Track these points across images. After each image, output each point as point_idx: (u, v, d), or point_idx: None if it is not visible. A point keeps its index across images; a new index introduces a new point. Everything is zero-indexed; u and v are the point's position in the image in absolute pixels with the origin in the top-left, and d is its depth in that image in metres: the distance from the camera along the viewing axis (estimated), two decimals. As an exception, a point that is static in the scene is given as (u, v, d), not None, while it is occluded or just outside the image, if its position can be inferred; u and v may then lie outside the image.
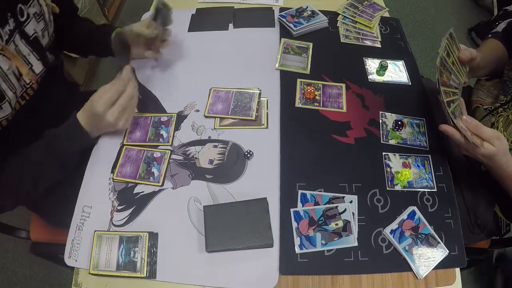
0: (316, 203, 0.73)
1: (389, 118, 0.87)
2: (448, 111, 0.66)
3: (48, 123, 0.73)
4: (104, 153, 0.81)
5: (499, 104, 0.83)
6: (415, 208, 0.73)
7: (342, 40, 1.04)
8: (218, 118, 0.86)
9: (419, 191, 0.75)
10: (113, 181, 0.77)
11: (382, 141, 0.83)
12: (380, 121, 0.86)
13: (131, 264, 0.67)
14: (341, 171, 0.78)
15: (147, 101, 0.90)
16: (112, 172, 0.78)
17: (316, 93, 0.90)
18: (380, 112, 0.88)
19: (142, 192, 0.76)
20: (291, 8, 1.10)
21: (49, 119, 0.75)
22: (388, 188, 0.76)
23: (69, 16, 0.92)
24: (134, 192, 0.76)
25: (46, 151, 0.71)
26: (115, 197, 0.75)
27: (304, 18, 1.06)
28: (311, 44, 1.02)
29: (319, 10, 1.08)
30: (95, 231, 0.70)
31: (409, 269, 0.67)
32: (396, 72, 0.97)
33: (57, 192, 0.86)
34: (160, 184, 0.76)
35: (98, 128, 0.75)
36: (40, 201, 0.88)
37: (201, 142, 0.82)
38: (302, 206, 0.73)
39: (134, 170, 0.78)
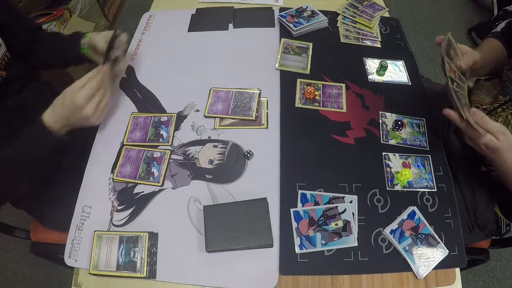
0: (316, 203, 0.73)
1: (389, 118, 0.87)
2: (455, 99, 0.65)
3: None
4: (104, 153, 0.81)
5: (498, 104, 0.83)
6: (415, 208, 0.73)
7: (342, 40, 1.05)
8: (218, 118, 0.86)
9: (419, 191, 0.75)
10: (113, 181, 0.77)
11: (382, 141, 0.83)
12: (380, 121, 0.86)
13: (131, 264, 0.67)
14: (341, 171, 0.78)
15: (147, 101, 0.90)
16: (112, 172, 0.78)
17: (316, 93, 0.90)
18: (380, 112, 0.88)
19: (142, 192, 0.76)
20: (291, 8, 1.10)
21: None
22: (388, 188, 0.76)
23: (29, 33, 0.90)
24: (134, 192, 0.76)
25: (15, 155, 0.69)
26: (115, 197, 0.75)
27: (304, 18, 1.06)
28: (311, 44, 1.02)
29: (319, 10, 1.08)
30: (95, 231, 0.70)
31: (409, 269, 0.67)
32: (396, 72, 0.97)
33: (54, 196, 0.85)
34: (160, 184, 0.76)
35: (71, 121, 0.72)
36: (29, 202, 0.88)
37: (201, 142, 0.82)
38: (302, 206, 0.73)
39: (134, 170, 0.78)
